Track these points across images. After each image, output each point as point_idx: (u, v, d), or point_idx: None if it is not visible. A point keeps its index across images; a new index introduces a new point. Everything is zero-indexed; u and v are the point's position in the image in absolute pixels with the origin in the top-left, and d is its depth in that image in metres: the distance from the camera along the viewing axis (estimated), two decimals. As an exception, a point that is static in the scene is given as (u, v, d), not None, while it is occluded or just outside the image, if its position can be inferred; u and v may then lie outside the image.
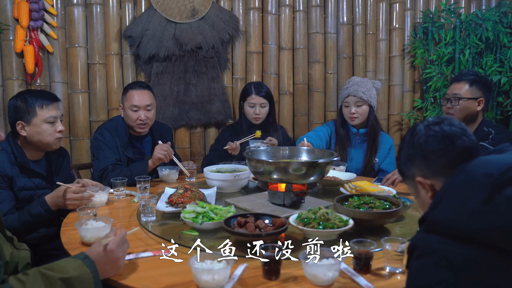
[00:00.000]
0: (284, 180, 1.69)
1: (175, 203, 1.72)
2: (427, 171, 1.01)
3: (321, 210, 1.46)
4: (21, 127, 1.91)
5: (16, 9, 2.74)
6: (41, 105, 1.92)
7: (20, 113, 1.90)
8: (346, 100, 2.63)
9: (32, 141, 1.93)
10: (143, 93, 2.42)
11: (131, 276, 1.20)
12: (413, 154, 1.03)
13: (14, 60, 2.80)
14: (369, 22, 3.57)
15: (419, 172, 1.02)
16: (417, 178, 1.02)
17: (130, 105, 2.38)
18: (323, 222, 1.42)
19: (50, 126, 1.94)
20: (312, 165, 1.69)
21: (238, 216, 1.46)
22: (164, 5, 3.06)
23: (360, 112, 2.61)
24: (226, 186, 2.06)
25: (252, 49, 3.34)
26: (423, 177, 1.01)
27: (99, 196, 1.90)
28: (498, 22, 3.31)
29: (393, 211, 1.51)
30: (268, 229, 1.37)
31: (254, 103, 2.79)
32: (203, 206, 1.56)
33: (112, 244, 1.18)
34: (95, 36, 2.98)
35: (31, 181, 1.93)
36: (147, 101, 2.40)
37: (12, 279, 1.09)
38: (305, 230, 1.41)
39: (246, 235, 1.33)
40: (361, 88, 2.60)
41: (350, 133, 2.69)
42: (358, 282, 1.14)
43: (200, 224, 1.45)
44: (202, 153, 3.31)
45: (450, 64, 3.46)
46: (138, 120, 2.39)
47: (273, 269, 1.16)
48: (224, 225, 1.39)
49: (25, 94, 1.95)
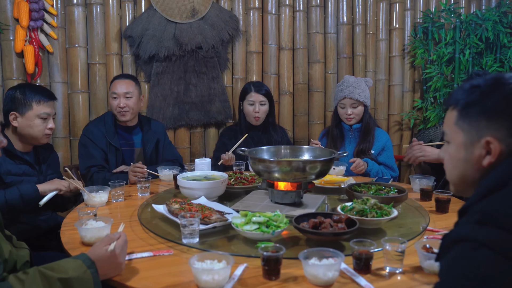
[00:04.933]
0: (298, 179, 1.70)
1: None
2: (508, 139, 0.79)
3: (369, 200, 1.55)
4: (14, 118, 1.99)
5: (16, 9, 2.74)
6: (38, 101, 2.01)
7: (16, 104, 1.98)
8: (342, 102, 2.66)
9: (22, 133, 2.01)
10: (124, 82, 2.53)
11: (131, 276, 1.20)
12: (499, 106, 0.80)
13: (14, 60, 2.80)
14: (369, 22, 3.57)
15: (496, 131, 0.80)
16: (488, 137, 0.81)
17: (111, 92, 2.52)
18: (378, 210, 1.51)
19: (42, 122, 2.02)
20: (326, 162, 1.73)
21: (308, 218, 1.44)
22: (164, 5, 3.06)
23: (356, 113, 2.65)
24: (210, 193, 1.88)
25: (252, 49, 3.34)
26: (499, 140, 0.80)
27: (99, 196, 1.90)
28: (498, 22, 3.32)
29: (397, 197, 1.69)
30: (342, 228, 1.37)
31: (253, 101, 2.77)
32: (256, 215, 1.46)
33: (117, 248, 1.18)
34: (95, 36, 2.99)
35: (18, 167, 1.98)
36: (126, 89, 2.50)
37: (11, 278, 1.09)
38: (372, 220, 1.47)
39: (337, 234, 1.33)
40: (356, 89, 2.62)
41: (344, 130, 2.73)
42: (358, 282, 1.14)
43: (272, 233, 1.39)
44: (202, 153, 3.31)
45: (450, 64, 3.47)
46: (118, 107, 2.49)
47: (273, 269, 1.15)
48: (301, 227, 1.37)
49: (25, 87, 2.04)
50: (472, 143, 0.85)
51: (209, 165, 2.27)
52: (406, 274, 1.20)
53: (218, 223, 1.51)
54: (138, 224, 1.64)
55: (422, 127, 3.58)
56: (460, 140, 0.87)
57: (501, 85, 0.82)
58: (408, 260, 1.25)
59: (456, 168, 0.90)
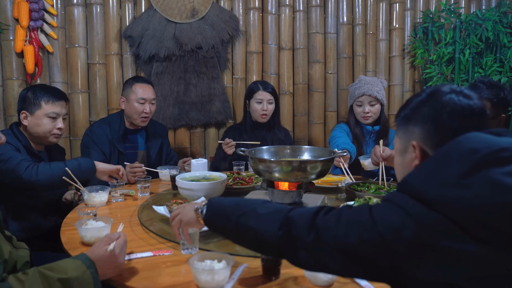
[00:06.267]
0: (299, 178, 1.70)
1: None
2: (429, 140, 0.89)
3: (371, 199, 1.54)
4: (24, 117, 2.04)
5: (16, 9, 2.74)
6: (47, 100, 2.04)
7: (27, 103, 2.04)
8: (360, 99, 2.64)
9: (31, 131, 2.05)
10: (149, 87, 2.55)
11: (131, 276, 1.20)
12: (425, 116, 0.90)
13: (14, 60, 2.80)
14: (369, 22, 3.57)
15: (420, 136, 0.91)
16: (414, 141, 0.91)
17: (138, 97, 2.48)
18: None
19: (51, 121, 2.05)
20: (327, 162, 1.73)
21: None
22: (164, 5, 3.06)
23: (373, 111, 2.64)
24: (210, 193, 1.87)
25: (252, 49, 3.34)
26: (421, 142, 0.91)
27: (99, 196, 1.90)
28: (498, 22, 3.31)
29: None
30: None
31: (261, 99, 2.77)
32: None
33: (117, 248, 1.18)
34: (95, 36, 2.99)
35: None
36: (152, 95, 2.53)
37: (11, 278, 1.09)
38: None
39: None
40: (374, 87, 2.62)
41: (364, 131, 2.71)
42: (358, 282, 1.14)
43: None
44: (202, 153, 3.31)
45: (450, 64, 3.46)
46: (144, 112, 2.48)
47: (273, 269, 1.15)
48: None
49: (36, 87, 2.09)
50: (406, 148, 0.95)
51: (205, 165, 2.28)
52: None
53: None
54: (138, 224, 1.64)
55: (422, 127, 3.57)
56: (398, 147, 0.99)
57: (430, 97, 0.92)
58: (408, 260, 1.25)
59: (399, 173, 1.00)
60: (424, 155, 0.90)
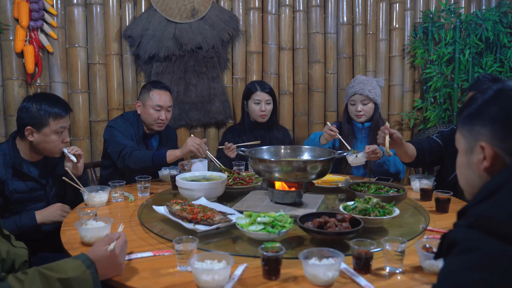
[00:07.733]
0: (299, 178, 1.70)
1: (200, 220, 1.51)
2: (500, 143, 0.82)
3: (371, 199, 1.55)
4: (30, 133, 1.92)
5: (16, 9, 2.74)
6: (55, 117, 1.93)
7: (33, 119, 1.91)
8: (353, 98, 2.68)
9: (37, 147, 1.96)
10: (167, 94, 2.52)
11: (131, 276, 1.20)
12: (494, 116, 0.83)
13: (14, 60, 2.80)
14: (369, 22, 3.57)
15: (489, 137, 0.83)
16: (482, 142, 0.84)
17: (155, 104, 2.46)
18: (380, 209, 1.51)
19: (58, 136, 1.97)
20: (327, 162, 1.74)
21: (311, 218, 1.44)
22: (164, 5, 3.06)
23: (366, 110, 2.66)
24: (210, 193, 1.87)
25: (252, 49, 3.34)
26: (492, 144, 0.83)
27: (99, 196, 1.90)
28: (498, 22, 3.32)
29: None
30: (346, 227, 1.37)
31: (259, 100, 2.78)
32: (261, 216, 1.44)
33: (117, 248, 1.18)
34: (95, 36, 2.98)
35: (24, 184, 1.96)
36: (170, 103, 2.52)
37: (11, 278, 1.09)
38: (376, 219, 1.48)
39: (343, 233, 1.34)
40: (367, 86, 2.65)
41: (355, 128, 2.73)
42: (358, 282, 1.14)
43: (278, 233, 1.38)
44: (202, 153, 3.30)
45: (450, 64, 3.47)
46: (159, 119, 2.47)
47: (273, 269, 1.15)
48: (306, 227, 1.37)
49: (42, 101, 1.93)
50: (472, 148, 0.88)
51: (205, 165, 2.29)
52: (406, 274, 1.20)
53: (222, 224, 1.51)
54: (138, 224, 1.64)
55: (422, 127, 3.57)
56: (462, 146, 0.92)
57: (498, 95, 0.86)
58: (408, 260, 1.25)
59: (463, 174, 0.93)
60: (496, 157, 0.83)
